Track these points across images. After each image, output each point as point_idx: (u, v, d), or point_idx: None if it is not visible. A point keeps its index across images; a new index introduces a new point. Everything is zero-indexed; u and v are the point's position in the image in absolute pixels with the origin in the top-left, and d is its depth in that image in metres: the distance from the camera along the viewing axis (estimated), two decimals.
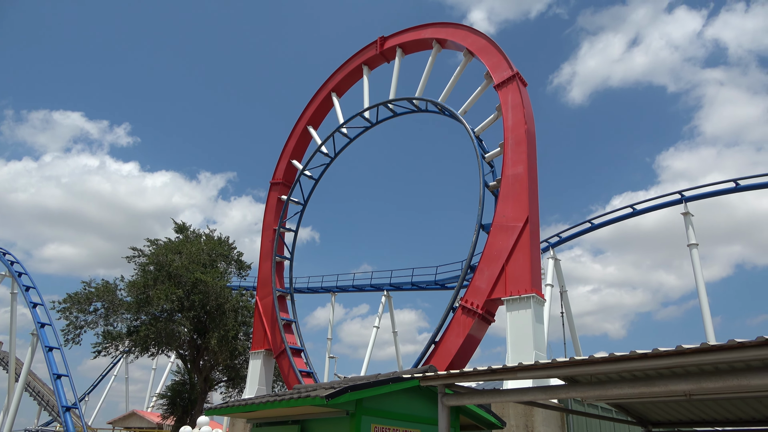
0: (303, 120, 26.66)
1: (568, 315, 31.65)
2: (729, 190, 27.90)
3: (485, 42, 19.94)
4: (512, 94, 17.83)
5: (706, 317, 24.75)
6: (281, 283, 24.62)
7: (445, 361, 15.45)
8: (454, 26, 21.91)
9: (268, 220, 25.68)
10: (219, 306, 28.02)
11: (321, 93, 26.39)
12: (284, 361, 22.08)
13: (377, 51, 24.35)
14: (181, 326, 27.42)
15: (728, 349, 4.12)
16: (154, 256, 28.35)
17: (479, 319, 15.54)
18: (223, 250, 31.11)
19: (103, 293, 27.79)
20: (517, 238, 15.37)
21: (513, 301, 14.78)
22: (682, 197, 28.31)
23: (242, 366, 31.05)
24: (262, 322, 23.57)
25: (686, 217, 27.39)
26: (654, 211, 30.29)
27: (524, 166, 16.26)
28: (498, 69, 18.81)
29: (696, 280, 25.86)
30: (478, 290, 15.70)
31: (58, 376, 32.05)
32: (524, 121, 16.97)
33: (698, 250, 26.59)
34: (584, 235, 33.00)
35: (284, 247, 25.29)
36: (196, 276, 27.20)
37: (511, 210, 15.92)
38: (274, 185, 26.32)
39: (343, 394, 6.81)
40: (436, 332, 16.44)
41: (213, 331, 27.64)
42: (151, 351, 28.88)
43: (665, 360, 4.52)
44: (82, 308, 27.57)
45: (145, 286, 26.99)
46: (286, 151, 26.70)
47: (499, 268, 15.38)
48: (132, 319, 28.03)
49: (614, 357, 4.83)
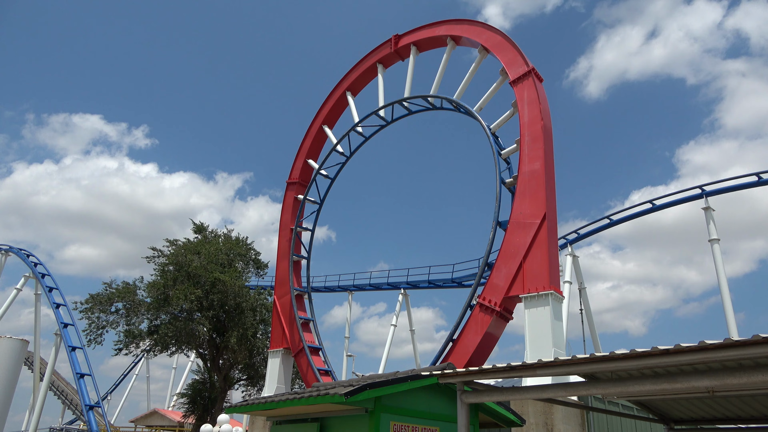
0: (318, 119, 26.76)
1: (587, 312, 31.36)
2: (751, 184, 27.43)
3: (500, 38, 19.83)
4: (528, 90, 17.72)
5: (729, 313, 24.36)
6: (299, 282, 24.76)
7: (464, 358, 15.41)
8: (468, 23, 21.81)
9: (285, 219, 25.84)
10: (237, 305, 28.26)
11: (336, 92, 26.46)
12: (303, 359, 22.21)
13: (391, 49, 24.34)
14: (200, 325, 27.71)
15: (752, 344, 4.06)
16: (173, 256, 28.69)
17: (497, 317, 15.47)
18: (241, 250, 31.36)
19: (124, 294, 28.21)
20: (535, 235, 15.27)
21: (531, 298, 14.69)
22: (702, 192, 27.90)
23: (261, 365, 31.29)
24: (280, 321, 23.73)
25: (707, 212, 26.98)
26: (674, 206, 29.90)
27: (541, 163, 16.15)
28: (513, 65, 18.70)
29: (718, 275, 25.47)
30: (495, 288, 15.63)
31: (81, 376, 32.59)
32: (540, 117, 16.85)
33: (720, 245, 26.19)
34: (603, 231, 32.69)
35: (301, 246, 25.43)
36: (214, 276, 27.46)
37: (528, 207, 15.83)
38: (291, 185, 26.47)
39: (362, 392, 6.83)
40: (454, 330, 16.40)
41: (232, 330, 27.89)
42: (171, 350, 29.25)
43: (687, 356, 4.47)
44: (104, 308, 28.02)
45: (164, 286, 27.32)
46: (302, 150, 26.83)
47: (517, 265, 15.30)
48: (152, 318, 28.41)
49: (635, 353, 4.79)
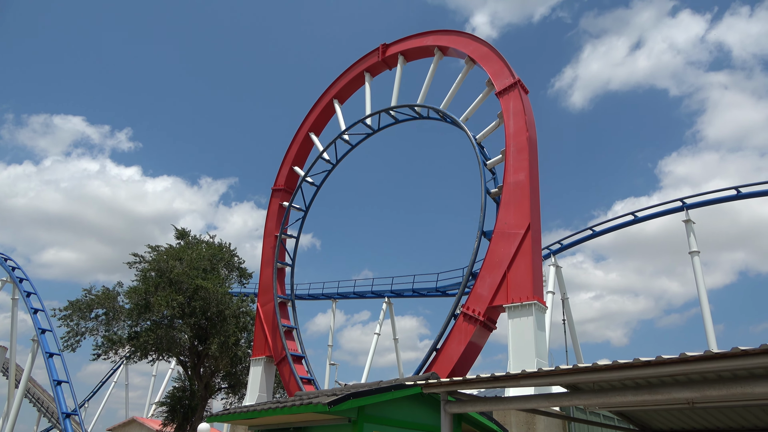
0: (305, 126, 26.73)
1: (570, 322, 31.59)
2: (730, 198, 27.90)
3: (487, 49, 20.02)
4: (514, 102, 17.89)
5: (708, 325, 24.69)
6: (282, 289, 24.62)
7: (447, 368, 15.42)
8: (455, 34, 22.00)
9: (270, 226, 25.72)
10: (220, 312, 27.97)
11: (323, 100, 26.48)
12: (285, 367, 22.05)
13: (379, 58, 24.45)
14: (181, 332, 27.35)
15: (731, 356, 4.13)
16: (155, 262, 28.33)
17: (481, 327, 15.52)
18: (225, 257, 31.08)
19: (103, 300, 27.76)
20: (519, 245, 15.38)
21: (514, 308, 14.76)
22: (683, 204, 28.31)
23: (243, 373, 30.94)
24: (263, 329, 23.55)
25: (687, 225, 27.38)
26: (656, 218, 30.30)
27: (526, 174, 16.29)
28: (499, 76, 18.88)
29: (698, 287, 25.82)
30: (479, 297, 15.68)
31: (58, 383, 32.02)
32: (526, 128, 17.01)
33: (700, 257, 26.57)
34: (586, 242, 32.98)
35: (285, 254, 25.30)
36: (197, 282, 27.17)
37: (512, 217, 15.94)
38: (276, 191, 26.38)
39: (345, 401, 6.80)
40: (438, 339, 16.41)
41: (214, 338, 27.57)
42: (151, 357, 28.81)
43: (668, 368, 4.53)
44: (83, 315, 27.54)
45: (146, 292, 26.96)
46: (288, 157, 26.77)
47: (501, 275, 15.38)
48: (132, 325, 27.98)
49: (618, 365, 4.84)
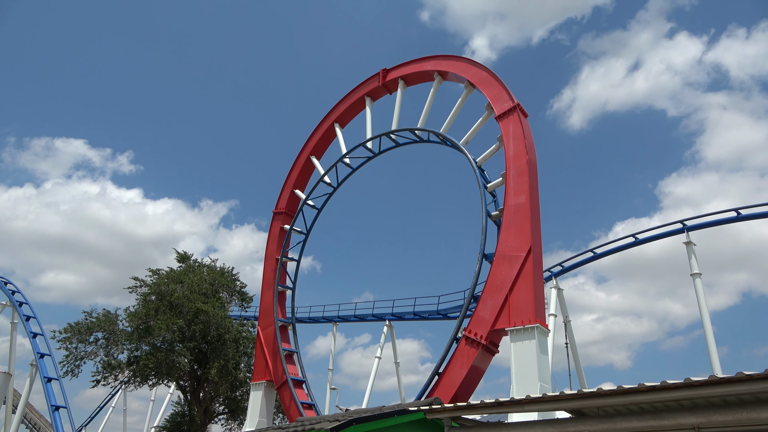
0: (306, 150, 26.92)
1: (572, 345, 31.34)
2: (731, 220, 27.92)
3: (486, 74, 20.26)
4: (513, 125, 18.05)
5: (712, 348, 24.51)
6: (283, 312, 24.50)
7: (449, 392, 15.27)
8: (455, 59, 22.28)
9: (271, 249, 25.71)
10: (220, 336, 27.82)
11: (324, 124, 26.71)
12: (285, 392, 21.83)
13: (379, 83, 24.73)
14: (181, 356, 27.17)
15: (736, 382, 4.12)
16: (155, 285, 28.28)
17: (483, 350, 15.42)
18: (226, 281, 31.02)
19: (104, 323, 27.63)
20: (520, 268, 15.35)
21: (517, 331, 14.68)
22: (684, 227, 28.32)
23: (243, 398, 30.66)
24: (263, 353, 23.37)
25: (689, 247, 27.36)
26: (656, 240, 30.29)
27: (526, 196, 16.35)
28: (499, 100, 19.08)
29: (700, 310, 25.70)
30: (481, 320, 15.61)
31: (56, 408, 31.67)
32: (525, 151, 17.13)
33: (702, 279, 26.49)
34: (587, 263, 32.92)
35: (286, 277, 25.24)
36: (197, 306, 27.08)
37: (513, 239, 15.95)
38: (277, 215, 26.44)
39: (348, 427, 6.75)
40: (440, 363, 16.28)
41: (213, 362, 27.38)
42: (150, 381, 28.57)
43: (673, 393, 4.52)
44: (83, 338, 27.38)
45: (146, 315, 26.86)
46: (289, 180, 26.90)
47: (503, 298, 15.32)
48: (132, 349, 27.81)
49: (622, 390, 4.82)
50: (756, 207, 27.37)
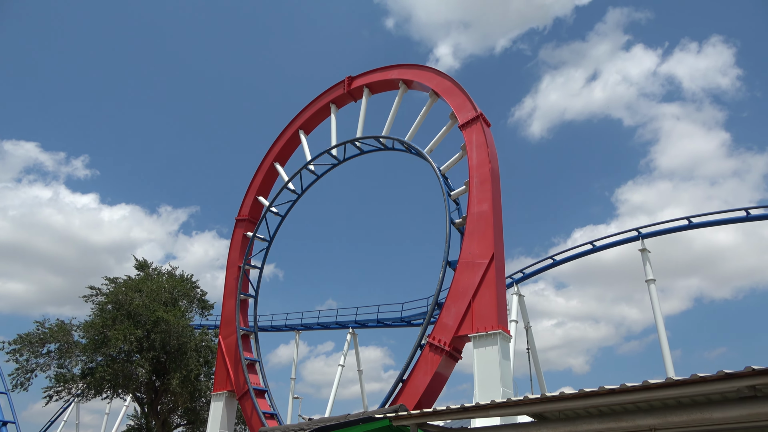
0: (270, 156, 26.70)
1: (533, 351, 31.88)
2: (683, 228, 28.96)
3: (450, 83, 20.56)
4: (476, 135, 18.34)
5: (666, 352, 25.31)
6: (245, 321, 24.14)
7: (413, 399, 15.32)
8: (419, 68, 22.52)
9: (233, 257, 25.34)
10: (180, 346, 27.17)
11: (288, 130, 26.56)
12: (247, 402, 21.49)
13: (345, 90, 24.77)
14: (139, 367, 26.40)
15: (691, 383, 4.30)
16: (112, 294, 27.44)
17: (447, 357, 15.54)
18: (186, 289, 30.36)
19: (57, 334, 26.60)
20: (483, 275, 15.57)
21: (480, 337, 14.87)
22: (639, 234, 29.23)
23: (203, 409, 30.00)
24: (225, 362, 22.96)
25: (643, 254, 28.24)
26: (613, 247, 31.16)
27: (489, 204, 16.63)
28: (462, 110, 19.37)
29: (654, 315, 26.51)
30: (445, 327, 15.74)
31: (4, 423, 30.26)
32: (488, 160, 17.43)
33: (656, 285, 27.37)
34: (547, 270, 33.58)
35: (249, 285, 24.91)
36: (157, 315, 26.40)
37: (476, 247, 16.17)
38: (240, 222, 26.10)
39: None
40: (404, 370, 16.33)
41: (174, 372, 26.69)
42: (106, 394, 27.63)
43: (633, 395, 4.67)
44: (34, 350, 26.29)
45: (102, 325, 26.00)
46: (253, 187, 26.62)
47: (466, 305, 15.50)
48: (87, 360, 26.85)
49: (584, 393, 4.96)
50: (706, 215, 28.51)
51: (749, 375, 4.22)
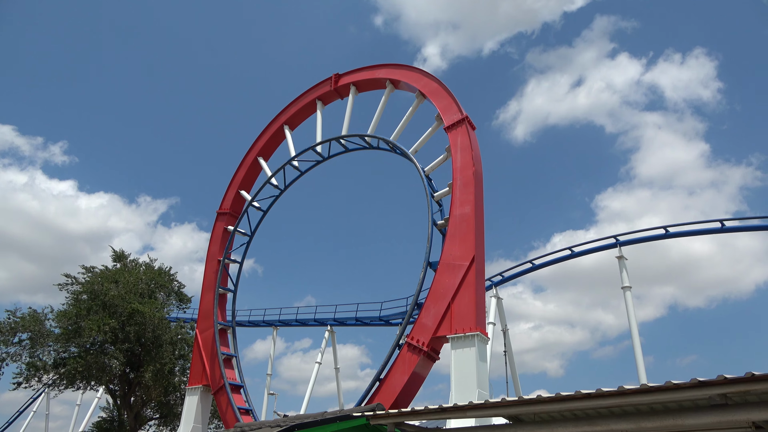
0: (254, 151, 26.52)
1: (510, 353, 32.18)
2: (659, 237, 29.50)
3: (437, 85, 20.63)
4: (461, 137, 18.44)
5: (639, 358, 25.74)
6: (223, 315, 23.97)
7: (390, 398, 15.36)
8: (407, 68, 22.56)
9: (213, 250, 25.13)
10: (156, 338, 26.85)
11: (273, 125, 26.40)
12: (222, 397, 21.33)
13: (331, 87, 24.70)
14: (113, 359, 26.02)
15: (665, 390, 4.39)
16: (88, 284, 27.00)
17: (424, 357, 15.62)
18: (164, 281, 30.01)
19: (30, 323, 26.08)
20: (463, 277, 15.67)
21: (458, 339, 14.96)
22: (616, 241, 29.68)
23: (176, 402, 29.70)
24: (201, 357, 22.76)
25: (620, 261, 28.68)
26: (591, 253, 31.59)
27: (471, 207, 16.74)
28: (448, 112, 19.45)
29: (629, 321, 26.94)
30: (424, 327, 15.81)
31: None
32: (472, 163, 17.54)
33: (632, 291, 27.82)
34: (526, 274, 33.92)
35: (228, 279, 24.72)
36: (132, 306, 26.04)
37: (458, 249, 16.27)
38: (221, 215, 25.88)
39: None
40: (381, 369, 16.36)
41: (148, 365, 26.36)
42: (78, 385, 27.19)
43: (608, 400, 4.76)
44: (5, 339, 25.76)
45: (77, 315, 25.57)
46: (235, 181, 26.41)
47: (445, 306, 15.58)
48: (60, 350, 26.39)
49: (560, 397, 5.03)
50: (683, 225, 29.08)
51: (721, 383, 4.33)
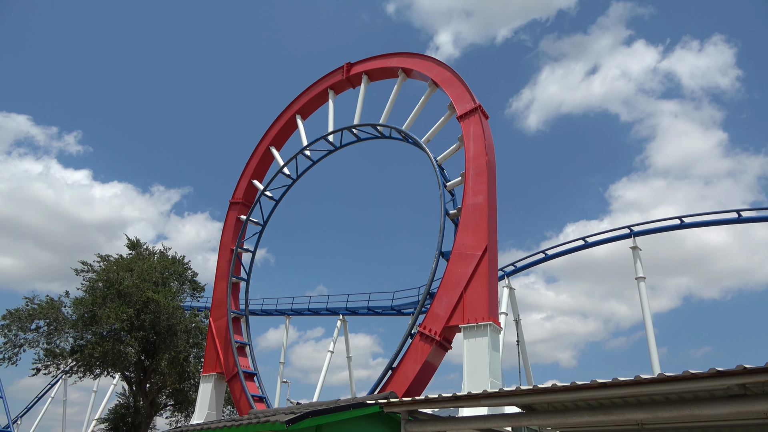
0: (266, 140, 26.58)
1: (522, 343, 32.14)
2: (674, 227, 29.21)
3: (449, 74, 20.47)
4: (474, 126, 18.32)
5: (652, 349, 25.61)
6: (236, 304, 24.16)
7: (402, 387, 15.43)
8: (420, 57, 22.40)
9: (226, 239, 25.30)
10: (170, 327, 27.17)
11: (285, 114, 26.42)
12: (236, 385, 21.56)
13: (343, 76, 24.62)
14: (129, 347, 26.38)
15: (682, 380, 4.35)
16: (104, 272, 27.35)
17: (437, 346, 15.63)
18: (177, 270, 30.30)
19: (47, 310, 26.50)
20: (476, 267, 15.62)
21: (470, 328, 14.96)
22: (630, 232, 29.45)
23: (191, 390, 30.08)
24: (214, 345, 23.00)
25: (634, 251, 28.47)
26: (604, 243, 31.37)
27: (484, 197, 16.65)
28: (461, 101, 19.31)
29: (643, 312, 26.79)
30: (436, 317, 15.82)
31: None
32: (485, 152, 17.42)
33: (646, 282, 27.62)
34: (539, 264, 33.80)
35: (241, 268, 24.90)
36: (147, 295, 26.35)
37: (470, 239, 16.21)
38: (234, 204, 26.02)
39: (304, 419, 6.74)
40: (394, 358, 16.42)
41: (163, 353, 26.71)
42: (95, 371, 27.63)
43: (623, 389, 4.72)
44: (23, 326, 26.20)
45: (93, 303, 25.93)
46: (248, 170, 26.50)
47: (458, 296, 15.56)
48: (77, 337, 26.82)
49: (575, 386, 5.00)
50: (698, 216, 28.75)
51: (741, 373, 4.27)
